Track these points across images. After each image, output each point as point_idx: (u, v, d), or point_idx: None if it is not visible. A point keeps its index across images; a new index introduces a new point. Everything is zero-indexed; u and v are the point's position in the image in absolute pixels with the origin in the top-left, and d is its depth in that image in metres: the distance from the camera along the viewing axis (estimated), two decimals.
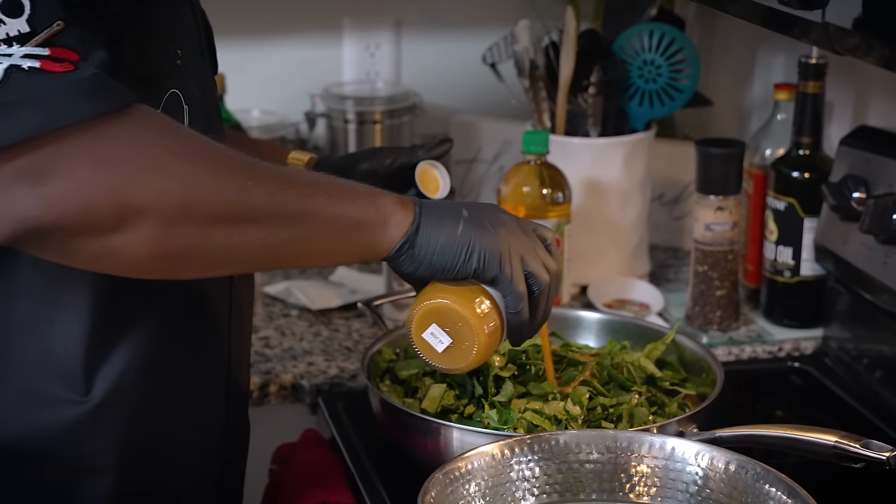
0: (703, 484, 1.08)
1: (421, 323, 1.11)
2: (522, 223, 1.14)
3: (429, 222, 1.07)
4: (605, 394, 1.26)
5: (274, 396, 1.50)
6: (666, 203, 1.88)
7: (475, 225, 1.08)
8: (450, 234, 1.07)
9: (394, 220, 1.06)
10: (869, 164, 1.46)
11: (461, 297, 1.10)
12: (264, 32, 2.00)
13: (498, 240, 1.09)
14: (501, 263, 1.08)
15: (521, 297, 1.10)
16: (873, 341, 1.50)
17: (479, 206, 1.13)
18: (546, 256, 1.13)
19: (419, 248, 1.07)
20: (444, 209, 1.09)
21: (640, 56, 1.69)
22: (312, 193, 1.03)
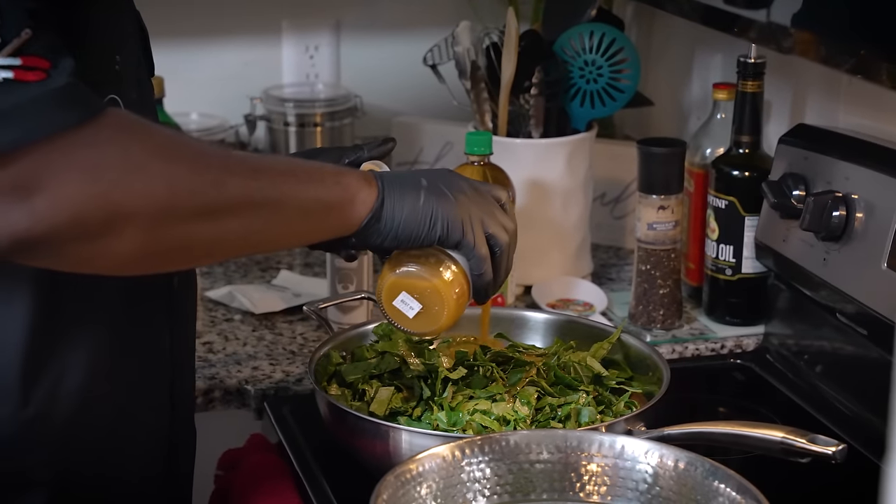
0: (653, 482, 1.09)
1: (391, 292, 1.17)
2: (477, 186, 1.18)
3: (392, 195, 1.11)
4: (552, 394, 1.27)
5: (219, 402, 1.48)
6: (607, 203, 1.89)
7: (436, 194, 1.13)
8: (413, 205, 1.12)
9: (360, 197, 1.10)
10: (808, 161, 1.48)
11: (428, 265, 1.16)
12: (202, 35, 1.98)
13: (458, 207, 1.13)
14: (463, 229, 1.13)
15: (484, 259, 1.15)
16: (813, 337, 1.52)
17: (436, 173, 1.17)
18: (503, 217, 1.18)
19: (385, 221, 1.11)
20: (405, 181, 1.13)
21: (580, 57, 1.70)
22: (283, 179, 1.06)
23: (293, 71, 2.02)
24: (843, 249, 1.40)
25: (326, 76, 2.04)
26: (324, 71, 2.03)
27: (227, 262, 1.86)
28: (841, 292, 1.41)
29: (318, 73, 2.03)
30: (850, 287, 1.39)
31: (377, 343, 1.36)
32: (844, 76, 1.54)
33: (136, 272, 1.03)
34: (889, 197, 1.34)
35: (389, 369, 1.30)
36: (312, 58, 2.04)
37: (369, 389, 1.29)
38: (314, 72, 2.03)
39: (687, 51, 1.91)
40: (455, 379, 1.27)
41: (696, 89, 1.89)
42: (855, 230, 1.39)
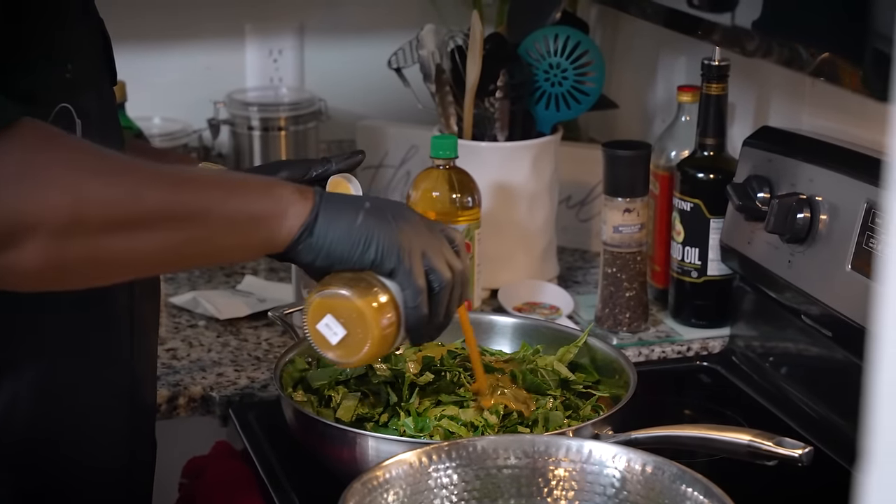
0: (621, 486, 1.08)
1: (316, 313, 1.10)
2: (429, 222, 1.13)
3: (328, 212, 1.06)
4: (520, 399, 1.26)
5: (183, 409, 1.47)
6: (573, 206, 1.89)
7: (376, 217, 1.08)
8: (349, 224, 1.07)
9: (292, 210, 1.05)
10: (772, 164, 1.48)
11: (357, 289, 1.08)
12: (165, 39, 1.97)
13: (398, 233, 1.08)
14: (400, 256, 1.08)
15: (420, 291, 1.08)
16: (778, 339, 1.52)
17: (386, 201, 1.13)
18: (451, 255, 1.12)
19: (317, 237, 1.06)
20: (346, 200, 1.09)
21: (545, 60, 1.70)
22: (207, 191, 1.02)
23: (257, 75, 2.01)
24: (807, 251, 1.41)
25: (290, 80, 2.03)
26: (287, 75, 2.02)
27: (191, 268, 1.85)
28: (806, 294, 1.42)
29: (281, 77, 2.02)
30: (814, 289, 1.40)
31: None
32: (808, 79, 1.55)
33: (43, 287, 1.00)
34: (853, 199, 1.35)
35: (355, 375, 1.30)
36: (276, 62, 2.03)
37: (335, 395, 1.28)
38: (278, 76, 2.02)
39: (651, 53, 1.92)
40: (422, 384, 1.27)
41: (660, 92, 1.90)
42: (819, 232, 1.39)
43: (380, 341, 1.10)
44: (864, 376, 0.43)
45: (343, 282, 1.09)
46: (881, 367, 0.41)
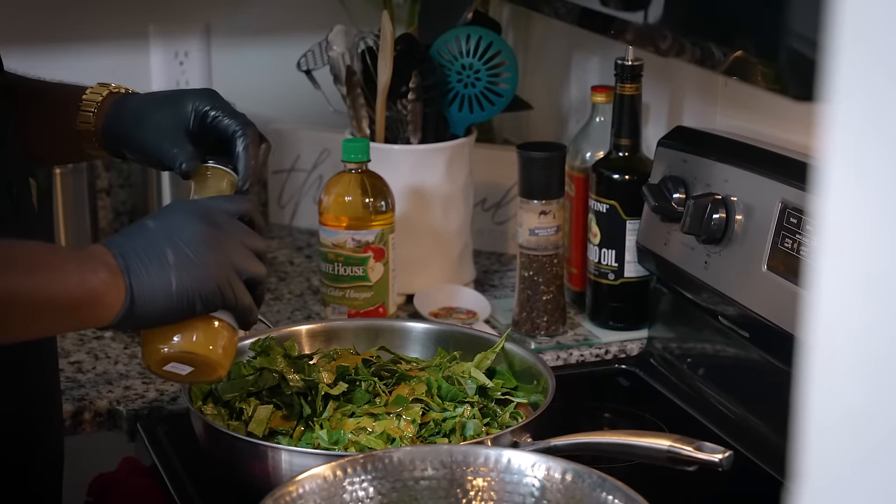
0: (541, 495, 1.07)
1: (158, 364, 1.12)
2: (218, 220, 1.10)
3: (142, 290, 1.04)
4: (437, 408, 1.25)
5: (89, 424, 1.43)
6: (488, 208, 1.88)
7: (187, 270, 1.06)
8: (166, 293, 1.05)
9: (106, 299, 1.03)
10: (687, 164, 1.48)
11: (190, 339, 1.10)
12: (64, 40, 1.92)
13: (211, 271, 1.07)
14: (222, 293, 1.08)
15: (249, 309, 1.11)
16: (695, 340, 1.52)
17: (175, 229, 1.07)
18: (253, 243, 1.11)
19: (139, 315, 1.05)
20: (150, 267, 1.05)
21: (458, 60, 1.68)
22: (14, 280, 0.99)
23: (162, 77, 1.97)
24: (723, 252, 1.41)
25: (197, 83, 1.98)
26: (194, 77, 1.98)
27: None
28: (722, 295, 1.42)
29: (188, 80, 1.98)
30: (731, 290, 1.40)
31: (254, 359, 1.32)
32: (721, 78, 1.56)
33: None
34: (768, 198, 1.35)
35: (268, 386, 1.27)
36: (182, 64, 1.98)
37: (247, 408, 1.25)
38: (184, 78, 1.98)
39: (564, 54, 1.91)
40: (336, 395, 1.24)
41: (574, 92, 1.89)
42: (735, 233, 1.39)
43: (225, 360, 1.13)
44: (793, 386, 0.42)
45: (173, 330, 1.10)
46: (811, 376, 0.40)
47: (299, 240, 1.97)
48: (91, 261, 1.03)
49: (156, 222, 1.08)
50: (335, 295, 1.57)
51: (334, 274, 1.56)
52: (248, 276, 1.10)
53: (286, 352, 1.33)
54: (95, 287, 1.02)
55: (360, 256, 1.55)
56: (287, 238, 1.97)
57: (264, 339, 1.34)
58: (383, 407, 1.24)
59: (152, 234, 1.07)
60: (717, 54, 1.09)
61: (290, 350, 1.34)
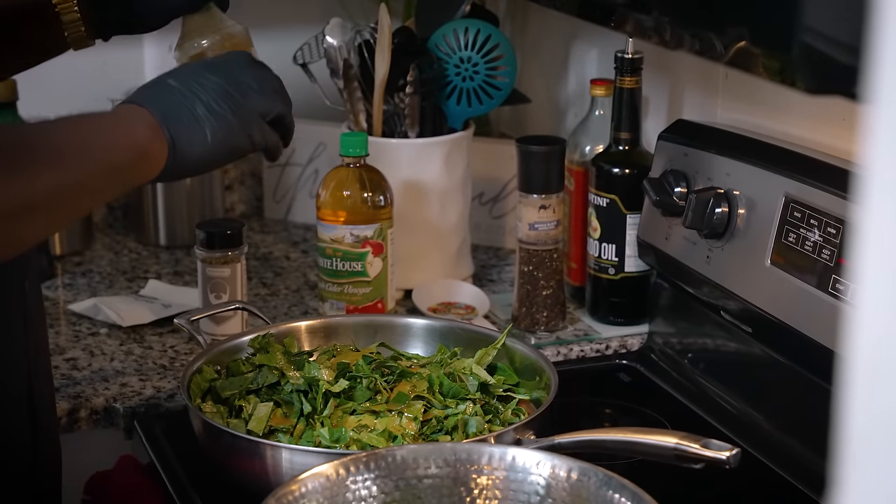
0: (546, 493, 1.06)
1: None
2: (230, 71, 1.14)
3: (181, 142, 1.09)
4: (439, 405, 1.23)
5: (85, 422, 1.42)
6: (485, 202, 1.87)
7: (217, 121, 1.11)
8: (203, 145, 1.10)
9: (152, 153, 1.07)
10: (688, 158, 1.47)
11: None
12: None
13: (236, 122, 1.12)
14: (252, 139, 1.14)
15: (275, 147, 1.17)
16: (696, 335, 1.51)
17: (197, 87, 1.11)
18: (266, 81, 1.16)
19: (180, 167, 1.10)
20: (184, 118, 1.10)
21: (456, 54, 1.67)
22: (64, 160, 1.02)
23: (156, 71, 1.94)
24: (726, 247, 1.40)
25: None
26: None
27: (91, 274, 1.79)
28: (724, 290, 1.40)
29: None
30: (733, 285, 1.39)
31: (254, 356, 1.30)
32: (721, 71, 1.54)
33: None
34: (771, 192, 1.34)
35: (267, 384, 1.26)
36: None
37: (246, 406, 1.24)
38: None
39: (561, 46, 1.90)
40: (337, 392, 1.23)
41: (571, 85, 1.88)
42: (737, 227, 1.38)
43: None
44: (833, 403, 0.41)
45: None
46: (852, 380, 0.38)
47: (295, 234, 1.95)
48: (134, 120, 1.07)
49: (176, 80, 1.11)
50: (333, 290, 1.56)
51: (332, 269, 1.55)
52: (271, 115, 1.15)
53: (285, 348, 1.31)
54: (142, 144, 1.06)
55: (358, 251, 1.54)
56: (283, 233, 1.96)
57: (263, 336, 1.32)
58: (385, 404, 1.23)
59: (177, 91, 1.11)
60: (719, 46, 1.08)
61: (289, 347, 1.32)
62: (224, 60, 1.17)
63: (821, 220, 1.26)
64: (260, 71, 1.18)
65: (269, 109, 1.15)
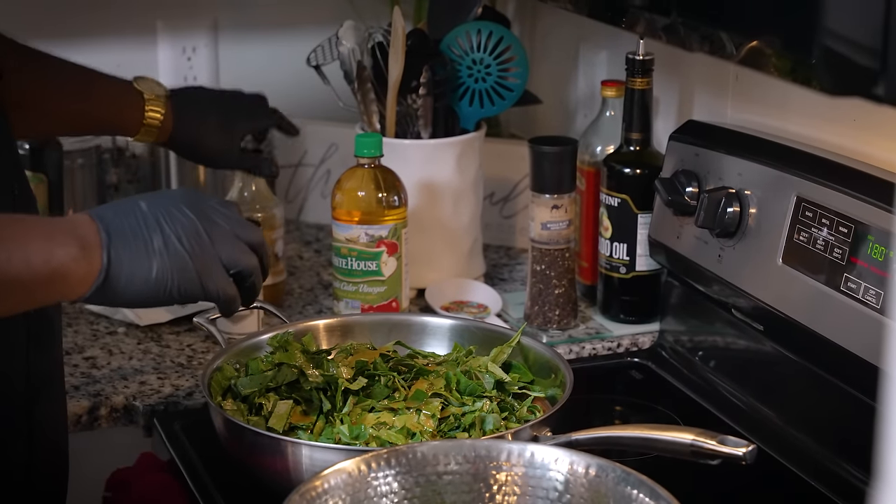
0: (565, 489, 1.06)
1: None
2: (209, 212, 1.08)
3: (119, 272, 1.01)
4: (456, 403, 1.24)
5: (105, 420, 1.42)
6: (496, 202, 1.88)
7: (170, 259, 1.04)
8: (144, 281, 1.03)
9: (73, 277, 1.00)
10: (699, 158, 1.48)
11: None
12: (73, 36, 1.90)
13: (194, 265, 1.05)
14: (204, 287, 1.06)
15: (231, 300, 1.10)
16: (707, 332, 1.52)
17: (167, 217, 1.05)
18: (247, 234, 1.10)
19: (110, 296, 1.02)
20: (135, 246, 1.02)
21: (468, 55, 1.68)
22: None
23: (170, 73, 1.96)
24: (737, 246, 1.41)
25: (205, 78, 1.98)
26: (202, 73, 1.97)
27: None
28: (736, 288, 1.41)
29: (196, 76, 1.97)
30: (745, 283, 1.40)
31: (273, 354, 1.31)
32: (731, 72, 1.55)
33: None
34: (782, 192, 1.35)
35: (287, 381, 1.26)
36: (190, 59, 1.97)
37: (266, 403, 1.25)
38: (192, 74, 1.97)
39: (571, 48, 1.90)
40: (355, 390, 1.24)
41: (581, 86, 1.89)
42: (749, 226, 1.39)
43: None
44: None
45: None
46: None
47: (307, 234, 1.96)
48: (62, 235, 1.00)
49: (149, 205, 1.05)
50: (348, 290, 1.56)
51: (347, 269, 1.56)
52: (236, 268, 1.08)
53: (304, 347, 1.32)
54: (62, 264, 0.98)
55: (373, 251, 1.54)
56: (295, 233, 1.96)
57: (282, 335, 1.33)
58: (403, 402, 1.24)
59: (143, 215, 1.04)
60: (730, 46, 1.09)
61: (307, 345, 1.33)
62: (209, 199, 1.10)
63: (832, 219, 1.27)
64: (242, 221, 1.11)
65: (235, 263, 1.08)
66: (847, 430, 1.29)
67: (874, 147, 1.32)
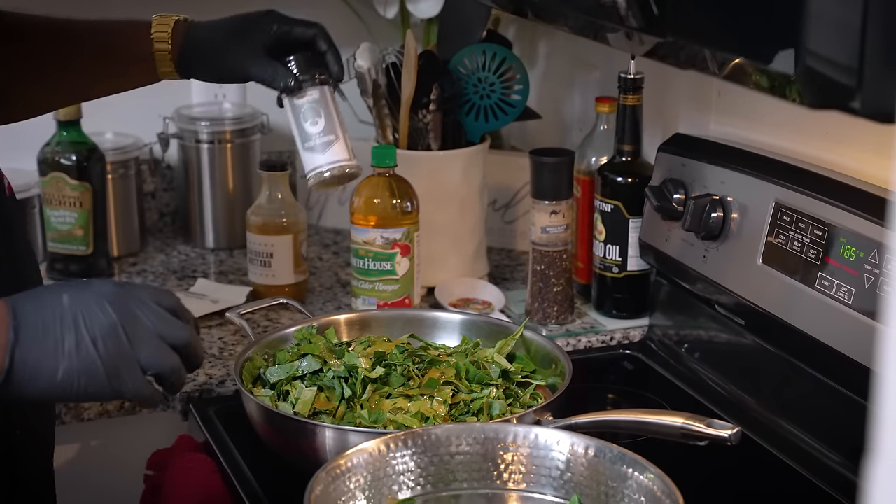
0: (566, 468, 1.07)
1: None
2: (134, 309, 0.95)
3: (23, 371, 0.91)
4: (466, 390, 1.25)
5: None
6: (499, 209, 1.88)
7: (79, 361, 0.92)
8: (49, 381, 0.91)
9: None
10: (685, 167, 1.48)
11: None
12: None
13: (104, 370, 0.92)
14: (113, 388, 0.93)
15: (145, 399, 0.96)
16: (692, 327, 1.53)
17: (86, 315, 0.93)
18: (170, 331, 0.96)
19: (13, 392, 0.91)
20: (45, 344, 0.91)
21: (474, 74, 1.68)
22: None
23: (202, 91, 1.96)
24: (721, 247, 1.41)
25: (233, 96, 1.98)
26: (231, 91, 1.97)
27: (146, 273, 1.80)
28: (719, 286, 1.42)
29: (225, 94, 1.97)
30: (728, 281, 1.40)
31: (298, 346, 1.32)
32: (714, 89, 1.56)
33: None
34: (761, 198, 1.35)
35: (311, 371, 1.27)
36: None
37: (293, 390, 1.25)
38: (222, 92, 1.97)
39: (566, 68, 1.91)
40: (374, 378, 1.24)
41: (577, 103, 1.89)
42: (731, 230, 1.39)
43: None
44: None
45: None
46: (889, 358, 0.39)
47: (326, 238, 1.97)
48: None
49: (71, 298, 0.93)
50: (365, 288, 1.57)
51: (364, 269, 1.56)
52: (154, 370, 0.96)
53: (327, 339, 1.33)
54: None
55: (388, 252, 1.55)
56: (315, 237, 1.97)
57: (306, 328, 1.34)
58: (417, 389, 1.24)
59: (61, 310, 0.92)
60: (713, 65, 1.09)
61: (329, 338, 1.33)
62: (137, 295, 0.96)
63: (807, 223, 1.27)
64: (171, 319, 0.97)
65: (153, 365, 0.95)
66: (819, 414, 1.29)
67: (845, 157, 1.33)
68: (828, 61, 0.75)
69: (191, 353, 0.99)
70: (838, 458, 1.25)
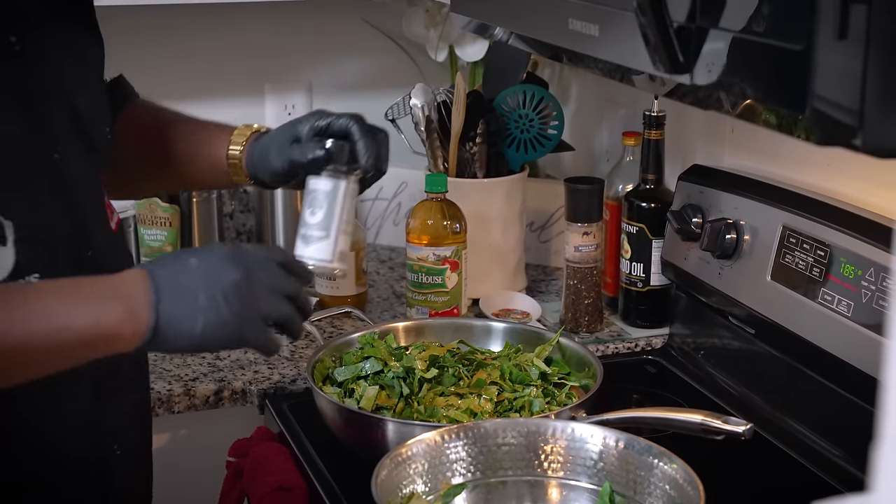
0: (599, 458, 1.09)
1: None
2: (252, 266, 0.96)
3: (167, 328, 0.91)
4: (509, 389, 1.27)
5: (227, 400, 1.46)
6: (535, 230, 1.90)
7: (214, 315, 0.92)
8: (189, 335, 0.92)
9: (121, 336, 0.90)
10: (703, 194, 1.50)
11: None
12: (200, 96, 1.96)
13: (234, 322, 0.93)
14: (243, 338, 0.95)
15: (267, 349, 0.97)
16: (708, 335, 1.54)
17: (213, 275, 0.93)
18: (283, 284, 0.97)
19: (157, 348, 0.92)
20: (183, 303, 0.91)
21: (515, 111, 1.71)
22: (28, 332, 0.87)
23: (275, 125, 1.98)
24: (734, 265, 1.42)
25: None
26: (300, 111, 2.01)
27: None
28: (732, 300, 1.43)
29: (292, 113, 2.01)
30: (740, 295, 1.42)
31: (362, 349, 1.35)
32: (728, 126, 1.57)
33: None
34: (770, 222, 1.37)
35: (374, 371, 1.30)
36: (290, 114, 2.02)
37: (358, 388, 1.28)
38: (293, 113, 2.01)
39: (597, 105, 1.93)
40: (429, 378, 1.27)
41: (605, 137, 1.91)
42: (744, 250, 1.41)
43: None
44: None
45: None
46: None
47: (382, 254, 2.00)
48: (108, 298, 0.90)
49: (198, 261, 0.94)
50: (419, 299, 1.60)
51: (418, 282, 1.59)
52: (273, 320, 0.97)
53: (387, 344, 1.35)
54: (110, 327, 0.89)
55: (439, 268, 1.58)
56: (372, 254, 2.00)
57: (369, 334, 1.36)
58: (466, 388, 1.26)
59: (192, 272, 0.93)
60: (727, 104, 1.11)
61: (389, 342, 1.36)
62: (252, 255, 0.97)
63: (811, 244, 1.29)
64: (282, 274, 0.98)
65: (273, 313, 0.96)
66: (821, 413, 1.30)
67: (845, 187, 1.34)
68: (833, 104, 0.77)
69: (302, 302, 0.99)
70: (838, 452, 1.26)
